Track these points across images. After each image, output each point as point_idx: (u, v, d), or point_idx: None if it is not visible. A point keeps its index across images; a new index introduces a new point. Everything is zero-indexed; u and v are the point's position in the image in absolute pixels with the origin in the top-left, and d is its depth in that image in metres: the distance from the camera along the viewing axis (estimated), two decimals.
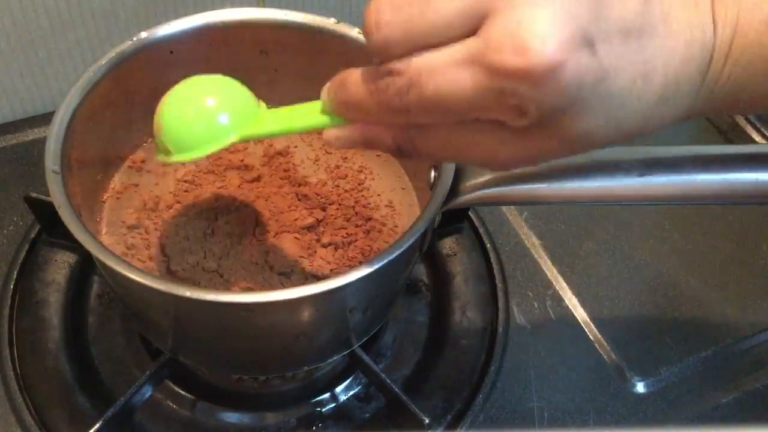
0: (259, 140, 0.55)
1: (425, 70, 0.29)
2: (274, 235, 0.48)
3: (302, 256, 0.47)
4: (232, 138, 0.38)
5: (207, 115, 0.38)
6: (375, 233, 0.50)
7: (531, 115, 0.29)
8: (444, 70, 0.28)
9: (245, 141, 0.40)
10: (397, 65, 0.29)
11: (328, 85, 0.34)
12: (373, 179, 0.54)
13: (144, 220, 0.50)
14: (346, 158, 0.54)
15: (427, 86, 0.29)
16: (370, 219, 0.51)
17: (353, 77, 0.32)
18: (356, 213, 0.51)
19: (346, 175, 0.53)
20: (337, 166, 0.54)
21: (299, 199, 0.51)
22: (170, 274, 0.47)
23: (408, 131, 0.32)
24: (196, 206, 0.50)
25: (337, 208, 0.51)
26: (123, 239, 0.49)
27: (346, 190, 0.52)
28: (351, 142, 0.34)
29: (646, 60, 0.29)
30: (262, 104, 0.39)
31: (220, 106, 0.38)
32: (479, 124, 0.31)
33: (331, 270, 0.47)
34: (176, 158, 0.39)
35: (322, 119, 0.35)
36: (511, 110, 0.29)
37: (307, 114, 0.35)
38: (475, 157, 0.33)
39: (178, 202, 0.51)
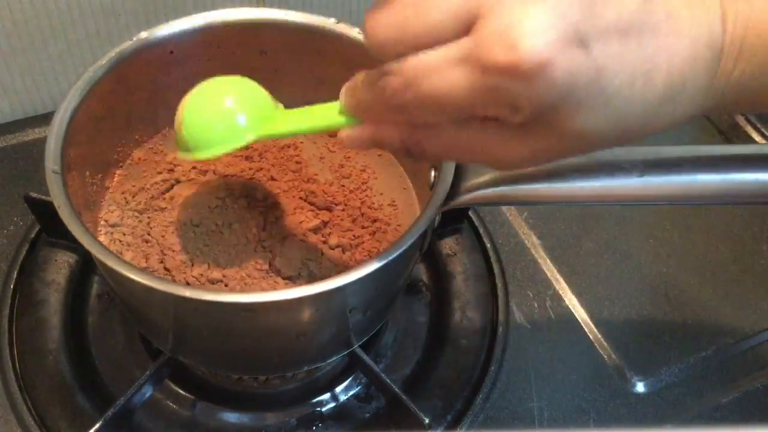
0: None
1: (420, 70, 0.29)
2: (280, 240, 0.48)
3: (309, 259, 0.47)
4: (250, 137, 0.39)
5: (226, 114, 0.40)
6: (380, 234, 0.50)
7: (524, 111, 0.29)
8: (438, 69, 0.29)
9: (263, 139, 0.41)
10: (393, 66, 0.30)
11: (345, 85, 0.35)
12: (376, 179, 0.53)
13: (127, 219, 0.49)
14: (349, 157, 0.54)
15: (422, 85, 0.29)
16: (375, 220, 0.51)
17: (360, 78, 0.33)
18: (362, 214, 0.51)
19: (350, 174, 0.53)
20: (341, 165, 0.54)
21: (305, 199, 0.51)
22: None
23: (414, 132, 0.33)
24: (197, 208, 0.49)
25: (343, 209, 0.50)
26: (111, 237, 0.49)
27: (351, 191, 0.52)
28: (361, 141, 0.35)
29: (647, 59, 0.29)
30: (280, 105, 0.41)
31: (239, 107, 0.40)
32: (481, 124, 0.31)
33: (338, 273, 0.47)
34: (195, 155, 0.40)
35: (338, 119, 0.35)
36: (506, 107, 0.29)
37: (324, 114, 0.36)
38: (480, 157, 0.33)
39: (175, 202, 0.50)
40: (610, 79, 0.29)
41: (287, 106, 0.57)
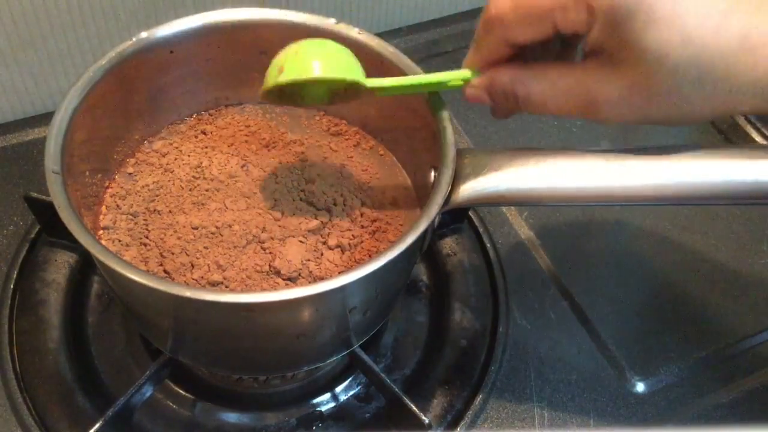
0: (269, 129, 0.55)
1: None
2: (279, 241, 0.48)
3: (309, 260, 0.47)
4: (365, 80, 0.43)
5: (342, 53, 0.44)
6: (381, 233, 0.50)
7: (600, 15, 0.34)
8: None
9: (371, 92, 0.44)
10: None
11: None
12: (378, 179, 0.53)
13: (122, 222, 0.49)
14: (351, 157, 0.54)
15: None
16: (375, 220, 0.51)
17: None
18: (362, 214, 0.51)
19: (351, 175, 0.53)
20: (343, 165, 0.54)
21: (305, 200, 0.51)
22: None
23: (522, 73, 0.40)
24: (196, 210, 0.49)
25: (342, 209, 0.50)
26: (109, 238, 0.49)
27: (352, 191, 0.52)
28: (480, 91, 0.42)
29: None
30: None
31: (342, 56, 0.44)
32: (581, 63, 0.38)
33: (339, 273, 0.47)
34: (287, 76, 0.43)
35: (460, 76, 0.43)
36: (583, 10, 0.34)
37: (441, 77, 0.43)
38: (581, 100, 0.38)
39: (173, 204, 0.50)
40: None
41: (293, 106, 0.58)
